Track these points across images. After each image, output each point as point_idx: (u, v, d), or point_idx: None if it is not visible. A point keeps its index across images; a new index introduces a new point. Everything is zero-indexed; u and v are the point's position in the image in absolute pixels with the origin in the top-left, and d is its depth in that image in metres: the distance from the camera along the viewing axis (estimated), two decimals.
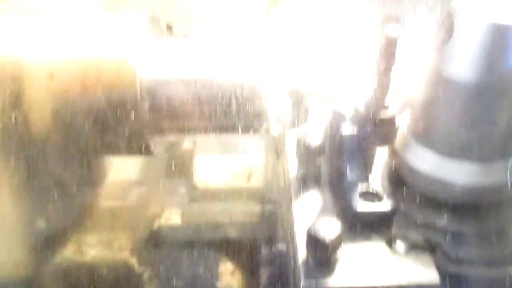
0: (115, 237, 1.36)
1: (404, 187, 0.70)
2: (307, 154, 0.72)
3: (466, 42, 0.59)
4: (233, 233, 1.29)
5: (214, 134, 1.19)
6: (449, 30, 0.59)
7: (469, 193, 0.65)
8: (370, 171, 0.71)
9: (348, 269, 0.60)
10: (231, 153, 1.42)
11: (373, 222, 0.64)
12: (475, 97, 0.61)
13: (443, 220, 0.65)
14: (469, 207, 0.66)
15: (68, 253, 1.27)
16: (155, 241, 1.37)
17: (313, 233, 0.56)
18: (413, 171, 0.68)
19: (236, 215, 1.33)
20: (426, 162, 0.67)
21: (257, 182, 1.35)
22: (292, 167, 0.77)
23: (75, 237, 1.29)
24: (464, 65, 0.60)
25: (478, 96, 0.61)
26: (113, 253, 1.33)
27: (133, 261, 1.36)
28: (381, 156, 0.75)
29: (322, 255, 0.56)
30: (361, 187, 0.67)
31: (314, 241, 0.56)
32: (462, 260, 0.63)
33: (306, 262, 0.59)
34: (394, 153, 0.71)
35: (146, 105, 0.88)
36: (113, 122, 0.89)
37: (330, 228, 0.57)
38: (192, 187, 1.45)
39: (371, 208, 0.65)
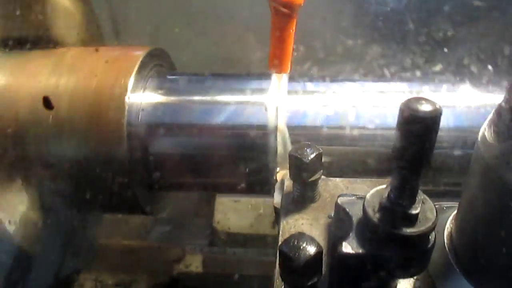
0: (133, 279, 1.27)
1: None
2: (294, 271, 0.46)
3: None
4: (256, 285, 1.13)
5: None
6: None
7: None
8: None
9: None
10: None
11: None
12: None
13: None
14: None
15: None
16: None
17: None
18: None
19: (260, 265, 1.16)
20: None
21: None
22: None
23: (92, 277, 1.23)
24: None
25: None
26: None
27: None
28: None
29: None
30: None
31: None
32: None
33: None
34: (427, 283, 0.43)
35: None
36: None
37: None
38: (215, 232, 1.31)
39: None
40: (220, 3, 0.85)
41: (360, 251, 0.40)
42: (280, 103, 0.73)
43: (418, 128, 0.29)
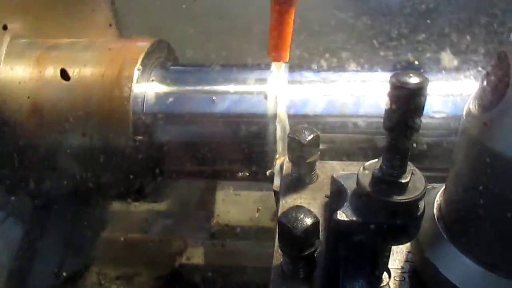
0: (135, 272, 1.28)
1: None
2: (292, 241, 0.48)
3: None
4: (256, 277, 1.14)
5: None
6: (500, 87, 0.34)
7: None
8: (380, 275, 0.46)
9: None
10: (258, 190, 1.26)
11: None
12: None
13: None
14: None
15: (88, 285, 1.22)
16: (175, 280, 1.24)
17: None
18: (446, 284, 0.43)
19: (261, 257, 1.21)
20: (467, 276, 0.41)
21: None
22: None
23: (96, 270, 1.24)
24: None
25: None
26: None
27: None
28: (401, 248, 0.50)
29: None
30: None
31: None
32: None
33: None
34: (418, 251, 0.46)
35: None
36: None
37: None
38: (217, 225, 1.32)
39: None
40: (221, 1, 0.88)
41: (354, 218, 0.42)
42: (279, 92, 0.76)
43: (403, 93, 0.32)
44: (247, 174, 0.81)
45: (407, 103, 0.33)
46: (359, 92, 0.74)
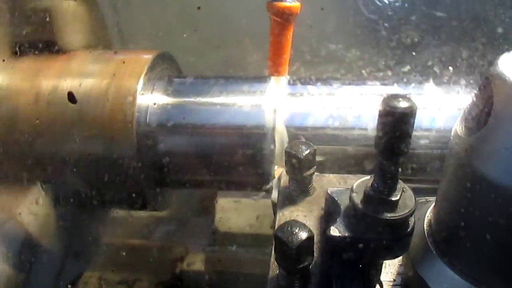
0: (136, 277, 1.30)
1: None
2: (288, 256, 0.50)
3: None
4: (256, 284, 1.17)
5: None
6: (485, 111, 0.36)
7: None
8: (375, 280, 0.48)
9: None
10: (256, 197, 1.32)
11: None
12: None
13: None
14: None
15: None
16: (176, 286, 1.27)
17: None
18: None
19: (261, 264, 1.22)
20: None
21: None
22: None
23: (97, 275, 1.25)
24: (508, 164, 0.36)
25: None
26: None
27: None
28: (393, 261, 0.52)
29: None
30: None
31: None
32: None
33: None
34: (409, 265, 0.47)
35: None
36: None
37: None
38: (217, 232, 1.34)
39: None
40: (222, 12, 0.90)
41: (347, 234, 0.44)
42: (278, 105, 0.78)
43: (390, 120, 0.34)
44: (245, 184, 0.83)
45: (393, 129, 0.35)
46: (357, 105, 0.76)
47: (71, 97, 0.69)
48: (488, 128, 0.37)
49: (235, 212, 1.35)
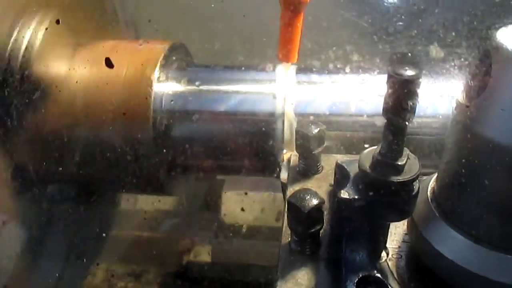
0: (143, 269, 1.32)
1: (426, 275, 0.50)
2: (300, 219, 0.54)
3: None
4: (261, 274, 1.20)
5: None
6: (483, 78, 0.39)
7: None
8: (379, 251, 0.52)
9: None
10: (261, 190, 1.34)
11: None
12: None
13: None
14: None
15: (96, 282, 1.24)
16: (182, 277, 1.28)
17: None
18: (439, 257, 0.48)
19: (266, 256, 1.22)
20: (457, 248, 0.47)
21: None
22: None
23: (104, 267, 1.27)
24: (509, 125, 0.40)
25: None
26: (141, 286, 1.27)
27: None
28: (398, 230, 0.55)
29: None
30: (361, 271, 0.47)
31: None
32: None
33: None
34: (414, 230, 0.51)
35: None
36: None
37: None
38: (223, 224, 1.36)
39: None
40: (229, 5, 0.94)
41: (356, 196, 0.48)
42: (287, 92, 0.81)
43: (398, 80, 0.37)
44: (255, 169, 0.87)
45: (401, 88, 0.38)
46: (362, 93, 0.80)
47: (108, 62, 0.73)
48: (486, 94, 0.41)
49: (240, 205, 1.38)
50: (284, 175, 0.74)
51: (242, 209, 1.26)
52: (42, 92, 0.78)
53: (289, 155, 0.78)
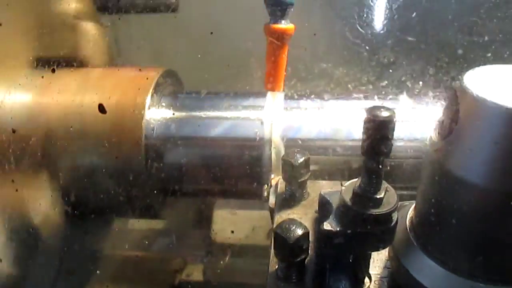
0: None
1: None
2: (286, 249, 0.56)
3: (483, 135, 0.43)
4: None
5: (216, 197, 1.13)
6: (453, 119, 0.43)
7: None
8: (361, 279, 0.55)
9: None
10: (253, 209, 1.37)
11: None
12: (494, 204, 0.44)
13: None
14: None
15: None
16: None
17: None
18: (417, 285, 0.51)
19: (257, 274, 1.26)
20: (433, 277, 0.50)
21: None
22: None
23: (98, 286, 1.28)
24: (477, 165, 0.43)
25: (500, 205, 0.43)
26: None
27: None
28: (380, 257, 0.58)
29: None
30: None
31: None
32: None
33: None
34: (394, 257, 0.54)
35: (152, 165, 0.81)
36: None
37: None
38: (215, 243, 1.38)
39: None
40: (218, 28, 0.98)
41: (338, 228, 0.51)
42: (274, 118, 0.85)
43: (371, 125, 0.41)
44: (244, 193, 0.90)
45: (375, 133, 0.42)
46: (347, 119, 0.84)
47: (101, 108, 0.76)
48: (455, 133, 0.44)
49: (231, 224, 1.39)
50: (272, 200, 0.77)
51: (232, 232, 1.28)
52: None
53: (277, 179, 0.81)
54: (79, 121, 0.83)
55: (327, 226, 0.51)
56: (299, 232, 0.55)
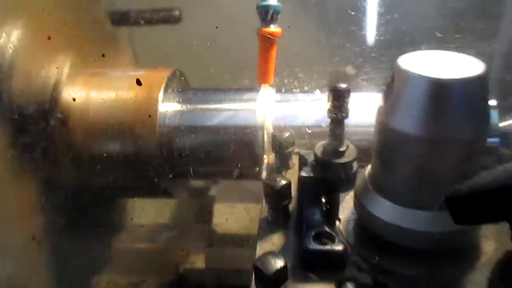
0: (143, 279, 1.44)
1: (365, 233, 0.70)
2: (273, 195, 0.74)
3: (409, 96, 0.61)
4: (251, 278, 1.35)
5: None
6: (390, 87, 0.61)
7: (421, 239, 0.64)
8: (332, 217, 0.72)
9: None
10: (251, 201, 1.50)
11: (325, 262, 0.65)
12: (422, 149, 0.62)
13: (395, 264, 0.65)
14: (421, 253, 0.65)
15: None
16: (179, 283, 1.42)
17: (257, 265, 0.58)
18: (372, 217, 0.69)
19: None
20: (383, 209, 0.67)
21: None
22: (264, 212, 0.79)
23: (106, 278, 1.36)
24: (408, 119, 0.62)
25: (425, 148, 0.61)
26: None
27: None
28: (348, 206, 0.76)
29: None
30: (314, 227, 0.68)
31: (258, 273, 0.58)
32: None
33: None
34: (356, 201, 0.72)
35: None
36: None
37: (274, 261, 0.58)
38: (215, 234, 1.51)
39: (323, 248, 0.65)
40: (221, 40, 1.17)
41: (311, 174, 0.69)
42: (266, 108, 1.03)
43: (332, 95, 0.59)
44: (242, 172, 1.07)
45: (335, 101, 0.60)
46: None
47: (138, 81, 0.95)
48: (392, 98, 0.63)
49: (230, 216, 1.54)
50: (264, 174, 0.95)
51: (226, 219, 1.42)
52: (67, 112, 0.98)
53: (269, 158, 0.99)
54: (106, 112, 1.02)
55: (303, 173, 0.70)
56: (283, 181, 0.73)
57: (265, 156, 1.03)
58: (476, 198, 0.52)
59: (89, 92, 1.04)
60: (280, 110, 1.04)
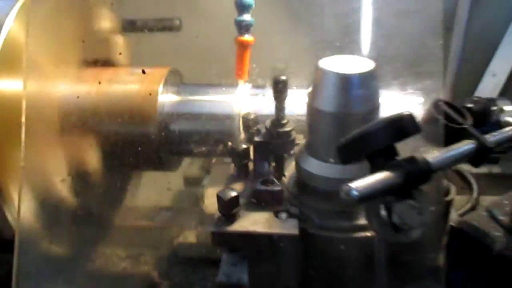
0: (141, 252, 1.67)
1: (302, 185, 1.01)
2: (237, 156, 1.05)
3: (325, 85, 0.92)
4: None
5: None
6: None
7: (331, 183, 0.94)
8: (281, 170, 1.03)
9: (243, 223, 0.91)
10: None
11: (267, 198, 0.95)
12: (333, 121, 0.92)
13: (314, 201, 0.95)
14: (332, 192, 0.95)
15: (101, 262, 1.58)
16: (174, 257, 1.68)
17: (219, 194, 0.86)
18: (305, 171, 0.99)
19: None
20: (309, 164, 0.98)
21: None
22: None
23: (108, 251, 1.61)
24: (325, 101, 0.92)
25: (335, 120, 0.92)
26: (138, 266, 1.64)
27: (155, 274, 1.70)
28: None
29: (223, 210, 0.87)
30: (263, 176, 0.98)
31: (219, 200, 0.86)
32: (322, 226, 0.91)
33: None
34: (295, 162, 1.02)
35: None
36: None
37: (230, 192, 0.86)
38: (205, 213, 1.76)
39: (265, 188, 0.95)
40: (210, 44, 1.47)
41: (262, 139, 1.00)
42: (243, 100, 1.34)
43: (274, 82, 0.90)
44: (222, 151, 1.37)
45: (276, 87, 0.91)
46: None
47: (143, 71, 1.26)
48: (315, 87, 0.94)
49: None
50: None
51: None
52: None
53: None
54: (115, 102, 1.32)
55: (256, 138, 1.01)
56: (244, 146, 1.04)
57: (241, 138, 1.33)
58: (350, 143, 0.81)
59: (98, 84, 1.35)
60: (252, 101, 1.35)
